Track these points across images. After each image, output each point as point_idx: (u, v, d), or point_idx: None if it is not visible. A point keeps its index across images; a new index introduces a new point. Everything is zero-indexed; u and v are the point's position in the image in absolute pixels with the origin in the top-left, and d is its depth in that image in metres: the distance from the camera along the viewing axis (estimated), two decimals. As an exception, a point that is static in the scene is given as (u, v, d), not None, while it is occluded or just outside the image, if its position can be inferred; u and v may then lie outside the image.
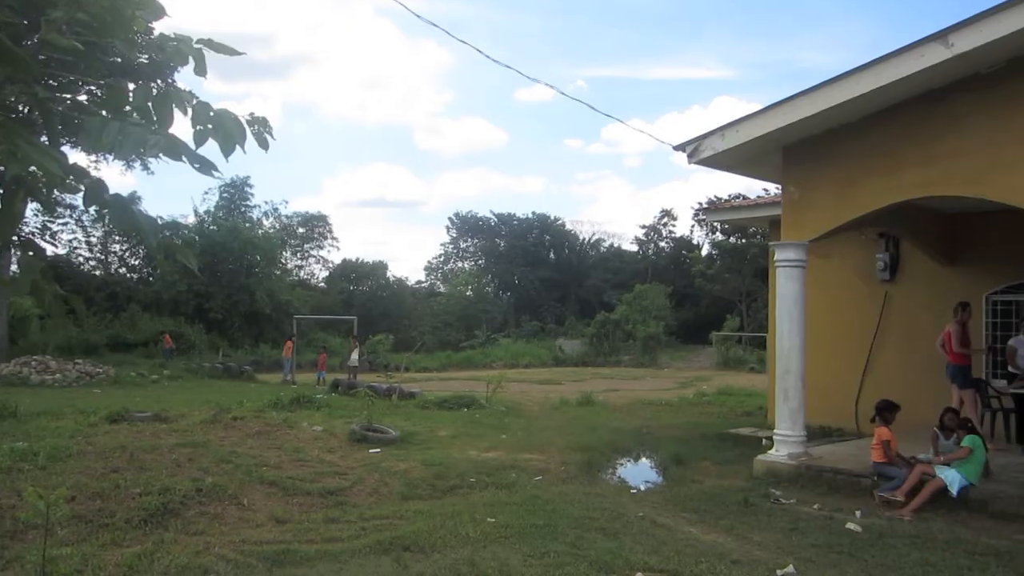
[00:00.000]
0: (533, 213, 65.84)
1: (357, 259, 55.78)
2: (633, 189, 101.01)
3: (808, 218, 9.84)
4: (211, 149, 2.66)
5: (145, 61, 19.06)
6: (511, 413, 15.89)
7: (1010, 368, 10.98)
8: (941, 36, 7.94)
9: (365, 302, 49.45)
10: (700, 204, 54.01)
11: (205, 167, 2.56)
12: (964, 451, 8.10)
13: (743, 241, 48.67)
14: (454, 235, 67.44)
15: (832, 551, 6.63)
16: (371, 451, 10.55)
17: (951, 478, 8.00)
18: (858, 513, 7.92)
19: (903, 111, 8.93)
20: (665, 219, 65.71)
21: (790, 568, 6.05)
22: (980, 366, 12.07)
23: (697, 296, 55.89)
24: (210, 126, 2.61)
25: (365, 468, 9.48)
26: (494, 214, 65.85)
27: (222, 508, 7.57)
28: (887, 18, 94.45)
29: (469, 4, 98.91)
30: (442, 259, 67.98)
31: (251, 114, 2.68)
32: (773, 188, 12.46)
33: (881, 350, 13.26)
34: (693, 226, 62.27)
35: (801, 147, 9.85)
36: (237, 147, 2.62)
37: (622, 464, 11.33)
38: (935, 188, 8.94)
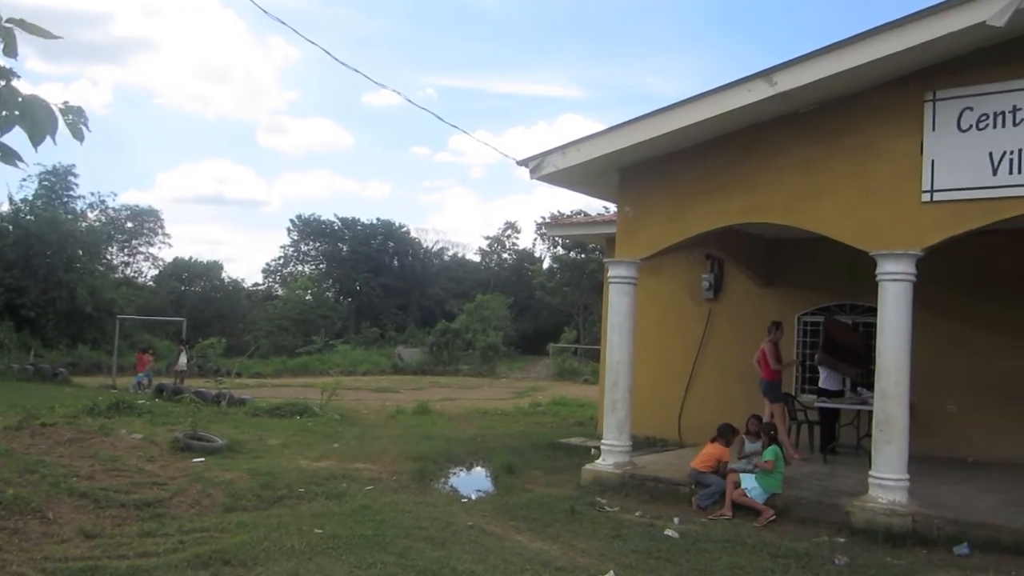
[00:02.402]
0: (378, 219, 65.11)
1: (190, 258, 53.39)
2: (478, 200, 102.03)
3: (641, 237, 10.27)
4: (20, 137, 2.48)
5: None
6: (345, 421, 15.66)
7: (820, 384, 11.90)
8: (766, 74, 8.51)
9: (197, 303, 47.33)
10: (543, 218, 55.20)
11: (8, 156, 2.39)
12: (770, 464, 8.70)
13: (583, 256, 50.10)
14: (295, 237, 65.58)
15: (651, 557, 6.92)
16: (194, 460, 10.11)
17: (754, 488, 8.61)
18: (676, 520, 8.30)
19: (731, 141, 9.49)
20: (509, 231, 66.82)
21: (611, 574, 6.28)
22: (790, 381, 12.98)
23: (537, 308, 57.07)
24: (17, 112, 2.43)
25: (187, 478, 9.07)
26: (338, 218, 64.61)
27: (24, 523, 7.01)
28: (726, 52, 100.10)
29: (320, 2, 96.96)
30: (281, 262, 65.93)
31: (65, 103, 2.51)
32: (612, 207, 12.95)
33: (703, 364, 14.00)
34: (535, 239, 63.65)
35: (637, 169, 10.28)
36: (48, 137, 2.45)
37: (455, 473, 11.38)
38: (756, 215, 9.56)
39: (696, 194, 9.82)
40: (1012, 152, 7.79)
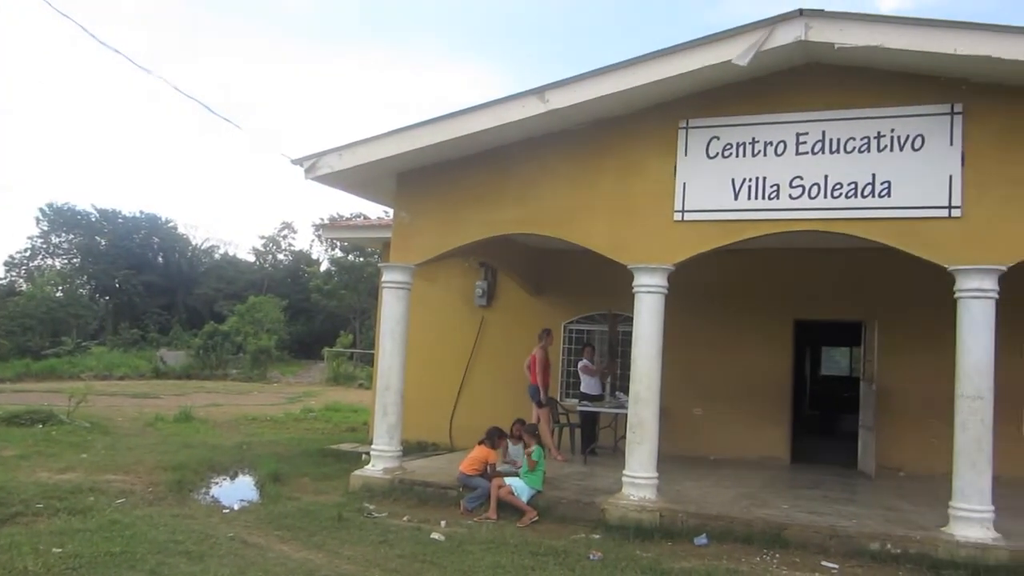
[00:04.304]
0: (141, 212, 60.68)
1: (-87, 247, 47.18)
2: (254, 197, 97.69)
3: (416, 243, 10.36)
4: None
5: None
6: (96, 429, 14.54)
7: (582, 388, 12.55)
8: (539, 91, 8.90)
9: (-79, 298, 41.94)
10: (321, 219, 54.05)
11: None
12: (533, 463, 9.08)
13: (361, 259, 49.61)
14: (45, 228, 59.79)
15: (416, 560, 6.99)
16: (-92, 477, 8.98)
17: (519, 487, 8.94)
18: (443, 523, 8.44)
19: (506, 154, 9.81)
20: (285, 231, 64.72)
21: (375, 580, 6.27)
22: (555, 386, 13.60)
23: (313, 311, 55.68)
24: None
25: None
26: (96, 209, 59.66)
27: None
28: (514, 65, 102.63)
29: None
30: (28, 254, 59.89)
31: None
32: (391, 211, 12.93)
33: (475, 370, 14.36)
34: (313, 241, 62.10)
35: (414, 175, 10.36)
36: None
37: (217, 483, 10.88)
38: (527, 227, 9.94)
39: (472, 203, 10.06)
40: (751, 179, 8.68)
